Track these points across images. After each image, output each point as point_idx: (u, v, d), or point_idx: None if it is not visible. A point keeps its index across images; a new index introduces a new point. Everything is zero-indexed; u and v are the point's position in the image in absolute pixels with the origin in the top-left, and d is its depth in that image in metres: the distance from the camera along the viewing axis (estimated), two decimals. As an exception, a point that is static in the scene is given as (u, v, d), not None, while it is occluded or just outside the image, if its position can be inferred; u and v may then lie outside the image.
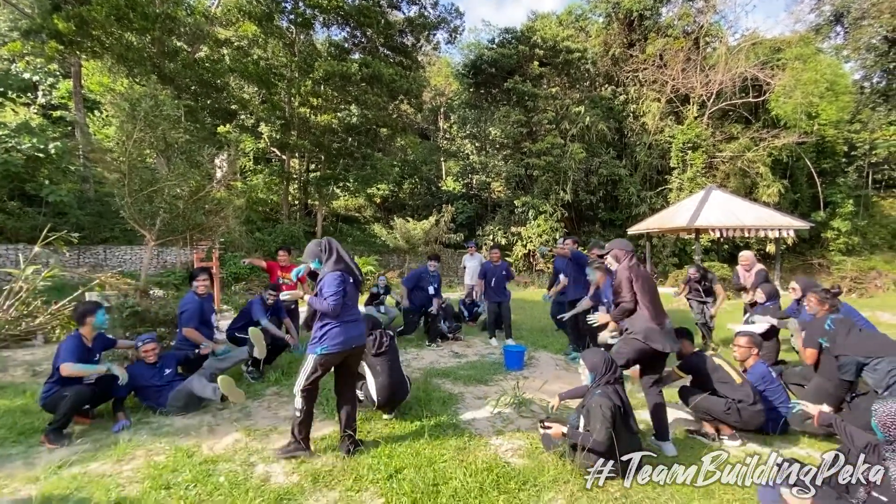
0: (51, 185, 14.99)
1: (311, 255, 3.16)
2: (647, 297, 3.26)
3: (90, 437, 3.27)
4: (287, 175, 21.93)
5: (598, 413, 2.73)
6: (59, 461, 2.86)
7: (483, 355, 5.89)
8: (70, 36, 15.15)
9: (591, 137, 21.26)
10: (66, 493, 2.53)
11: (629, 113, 22.22)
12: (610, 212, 22.17)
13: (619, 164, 21.36)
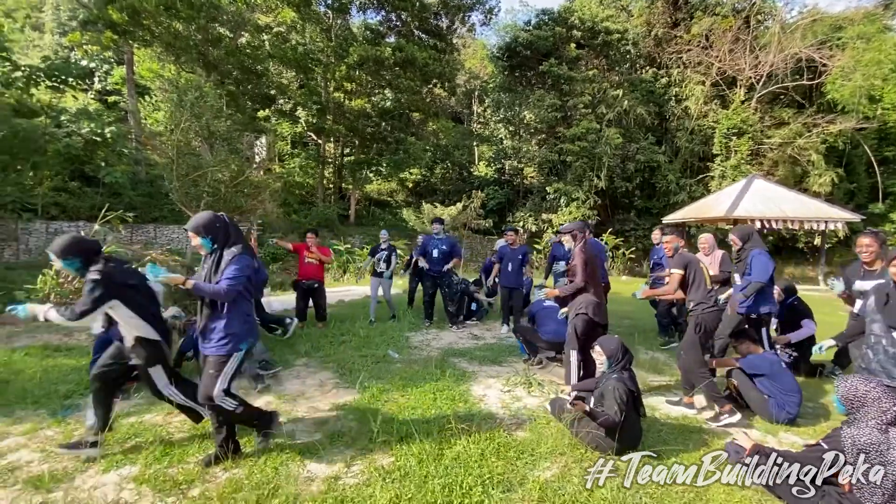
0: (107, 167, 16.14)
1: (203, 231, 2.62)
2: (594, 277, 3.93)
3: (147, 394, 3.74)
4: (322, 159, 22.54)
5: (614, 395, 2.88)
6: (118, 412, 3.31)
7: (500, 338, 6.10)
8: (123, 25, 16.06)
9: (628, 122, 20.64)
10: (126, 437, 2.96)
11: (671, 96, 21.36)
12: (646, 200, 21.56)
13: (659, 150, 20.66)
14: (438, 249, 6.53)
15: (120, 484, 2.44)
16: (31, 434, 3.00)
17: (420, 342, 5.79)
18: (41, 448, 2.83)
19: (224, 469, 2.61)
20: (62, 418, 3.22)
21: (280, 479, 2.50)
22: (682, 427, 3.39)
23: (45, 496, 2.30)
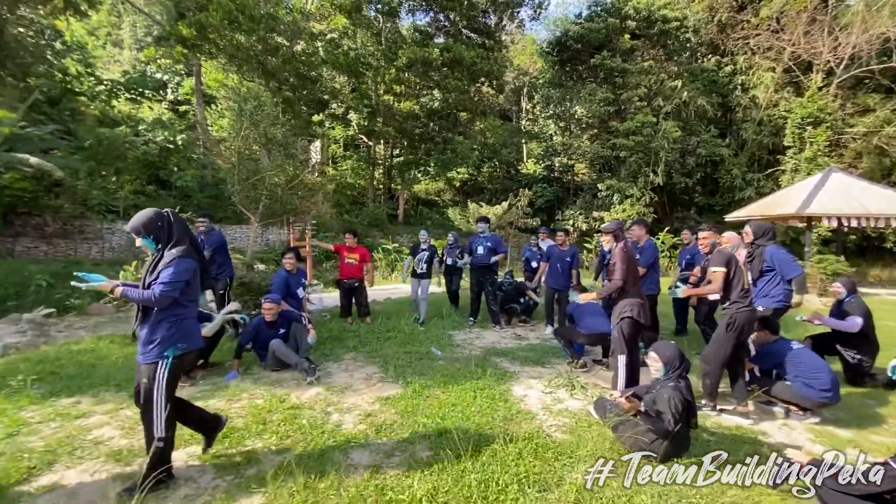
0: (178, 172, 17.54)
1: (142, 230, 2.45)
2: (634, 277, 3.91)
3: (210, 381, 4.09)
4: (373, 160, 23.18)
5: (669, 404, 2.79)
6: (188, 396, 3.64)
7: (544, 339, 6.03)
8: (192, 40, 17.36)
9: (688, 114, 19.53)
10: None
11: (736, 85, 19.95)
12: (708, 196, 20.31)
13: (722, 143, 19.39)
14: (483, 246, 6.58)
15: (186, 461, 2.70)
16: (113, 413, 3.38)
17: (463, 341, 5.86)
18: (121, 426, 3.17)
19: (276, 453, 2.80)
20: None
21: (326, 464, 2.66)
22: (733, 438, 3.22)
23: (123, 468, 2.59)
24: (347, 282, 6.41)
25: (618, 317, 3.92)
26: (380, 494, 2.37)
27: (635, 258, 4.29)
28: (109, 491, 2.33)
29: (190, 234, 2.59)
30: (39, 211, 14.97)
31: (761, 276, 4.20)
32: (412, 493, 2.35)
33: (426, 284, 6.65)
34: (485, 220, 6.82)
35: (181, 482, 2.47)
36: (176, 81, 25.64)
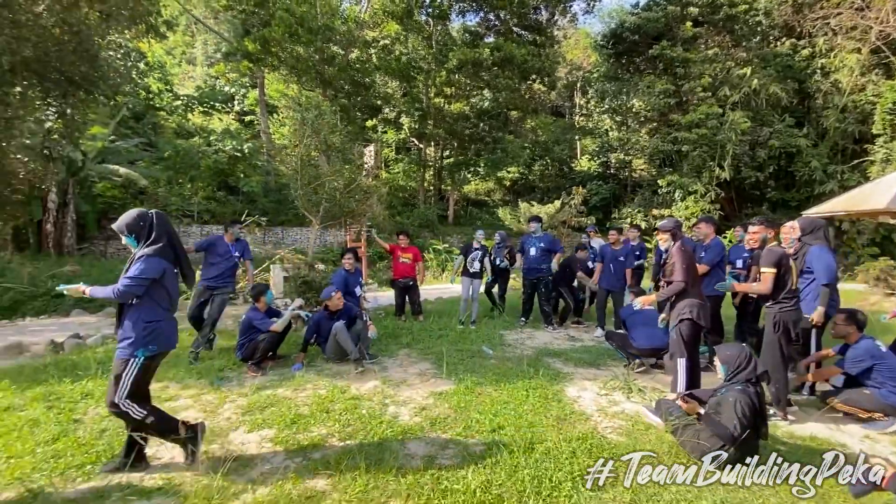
0: (245, 178, 18.80)
1: (125, 229, 2.57)
2: (695, 277, 3.68)
3: (277, 371, 4.41)
4: (423, 162, 23.57)
5: (735, 408, 2.69)
6: (258, 385, 3.98)
7: (600, 341, 5.89)
8: (257, 54, 18.54)
9: (758, 103, 18.14)
10: (264, 405, 3.53)
11: (815, 70, 18.25)
12: (783, 191, 18.75)
13: (799, 132, 17.82)
14: (536, 247, 6.47)
15: (260, 443, 2.95)
16: (196, 397, 3.74)
17: (514, 341, 5.86)
18: (204, 409, 3.51)
19: (339, 439, 2.99)
20: (218, 387, 3.94)
21: (385, 452, 2.80)
22: (807, 449, 3.01)
23: (207, 446, 2.87)
24: (402, 281, 6.62)
25: (676, 318, 3.78)
26: (436, 483, 2.47)
27: (694, 257, 4.10)
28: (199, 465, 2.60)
29: (170, 236, 2.63)
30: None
31: (800, 276, 3.95)
32: (467, 484, 2.43)
33: (478, 284, 6.69)
34: (537, 220, 6.71)
35: (257, 461, 2.71)
36: (241, 93, 27.52)
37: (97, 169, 14.42)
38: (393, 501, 2.34)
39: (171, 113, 22.11)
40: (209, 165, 18.03)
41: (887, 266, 10.21)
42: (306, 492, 2.39)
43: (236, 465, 2.62)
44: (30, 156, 9.20)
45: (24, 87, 6.93)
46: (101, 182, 15.42)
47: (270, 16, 17.99)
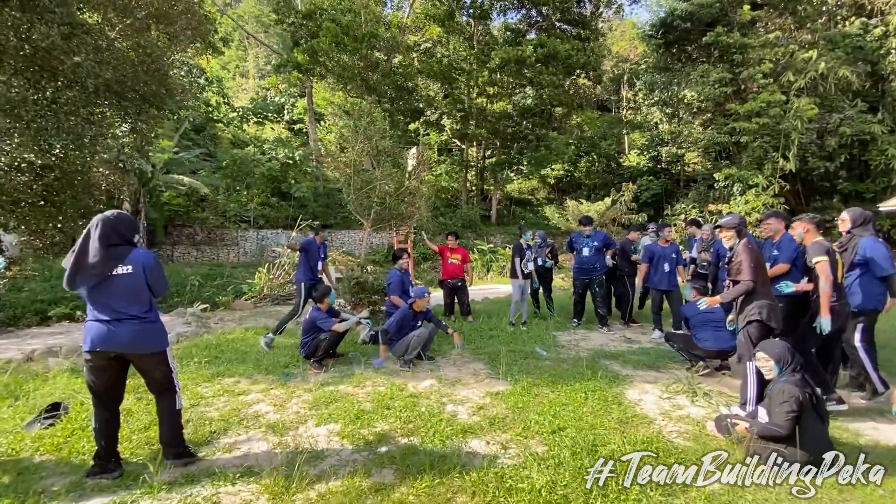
0: (296, 184, 19.61)
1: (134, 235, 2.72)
2: (764, 276, 3.53)
3: (337, 369, 4.59)
4: (465, 163, 23.61)
5: (780, 398, 2.68)
6: (321, 381, 4.16)
7: (658, 343, 5.69)
8: (305, 65, 19.30)
9: (826, 88, 16.80)
10: (328, 401, 3.70)
11: (889, 50, 16.67)
12: (856, 182, 17.28)
13: (873, 118, 16.34)
14: (589, 247, 6.32)
15: (328, 436, 3.09)
16: (266, 392, 3.96)
17: (568, 342, 5.77)
18: (273, 402, 3.72)
19: (402, 435, 3.08)
20: (284, 382, 4.16)
21: (447, 449, 2.86)
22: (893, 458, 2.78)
23: (280, 438, 3.05)
24: (451, 281, 6.70)
25: (745, 320, 3.59)
26: (500, 482, 2.49)
27: (762, 255, 3.87)
28: (275, 456, 2.77)
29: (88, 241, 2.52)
30: (191, 222, 17.82)
31: (851, 269, 3.90)
32: (531, 484, 2.44)
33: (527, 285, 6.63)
34: (588, 220, 6.56)
35: (327, 454, 2.85)
36: (291, 103, 28.79)
37: (164, 179, 15.55)
38: (459, 498, 2.38)
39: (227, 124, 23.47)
40: (263, 173, 18.97)
41: None
42: (375, 485, 2.48)
43: (308, 456, 2.76)
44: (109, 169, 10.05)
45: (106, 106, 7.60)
46: (168, 191, 16.60)
47: (318, 27, 18.69)
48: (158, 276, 2.67)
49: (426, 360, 4.80)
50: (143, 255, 2.63)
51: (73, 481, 2.55)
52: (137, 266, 2.58)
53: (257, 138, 23.87)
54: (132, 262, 2.58)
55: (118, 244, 2.58)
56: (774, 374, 2.89)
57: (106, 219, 2.58)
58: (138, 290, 2.60)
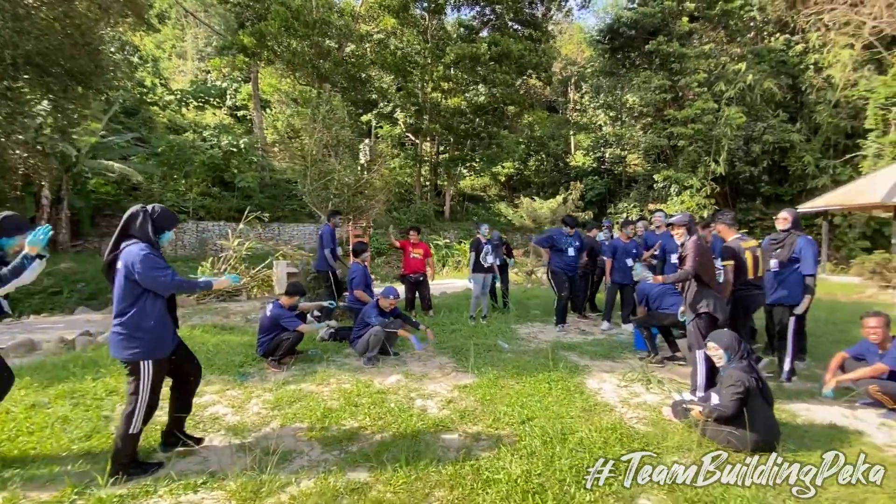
0: (240, 174, 18.60)
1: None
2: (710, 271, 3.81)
3: (298, 367, 4.41)
4: (419, 158, 23.48)
5: (728, 381, 2.91)
6: (282, 380, 3.97)
7: (611, 334, 5.97)
8: (252, 48, 18.31)
9: (753, 98, 18.36)
10: (291, 400, 3.54)
11: (808, 65, 18.51)
12: (776, 185, 19.05)
13: (792, 128, 18.08)
14: (573, 247, 6.32)
15: (295, 437, 2.96)
16: (221, 393, 3.73)
17: (527, 334, 5.92)
18: (231, 404, 3.51)
19: (373, 432, 3.02)
20: (241, 382, 3.94)
21: (420, 444, 2.83)
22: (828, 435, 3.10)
23: (244, 440, 2.88)
24: (413, 276, 6.65)
25: (694, 312, 3.85)
26: (477, 474, 2.51)
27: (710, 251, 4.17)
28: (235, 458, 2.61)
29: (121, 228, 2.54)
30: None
31: (789, 264, 4.26)
32: (508, 474, 2.47)
33: (490, 279, 6.70)
34: (573, 221, 6.54)
35: (295, 455, 2.73)
36: (234, 88, 27.18)
37: (90, 164, 14.19)
38: (437, 492, 2.37)
39: (163, 108, 21.77)
40: (203, 161, 17.81)
41: (882, 259, 10.44)
42: (350, 484, 2.41)
43: (276, 458, 2.63)
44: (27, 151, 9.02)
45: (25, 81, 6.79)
46: (95, 178, 15.18)
47: (266, 9, 17.77)
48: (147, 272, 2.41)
49: (392, 356, 4.74)
50: (131, 249, 2.45)
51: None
52: (122, 262, 2.45)
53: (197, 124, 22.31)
54: (122, 256, 2.45)
55: (131, 236, 2.51)
56: (724, 362, 3.12)
57: (133, 212, 2.55)
58: (123, 288, 2.45)
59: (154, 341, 2.48)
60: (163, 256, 2.56)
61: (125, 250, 2.46)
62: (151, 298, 2.49)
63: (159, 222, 2.59)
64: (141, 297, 2.46)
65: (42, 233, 2.49)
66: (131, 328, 2.44)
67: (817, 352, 4.95)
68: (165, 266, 2.49)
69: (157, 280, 2.44)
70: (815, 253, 4.27)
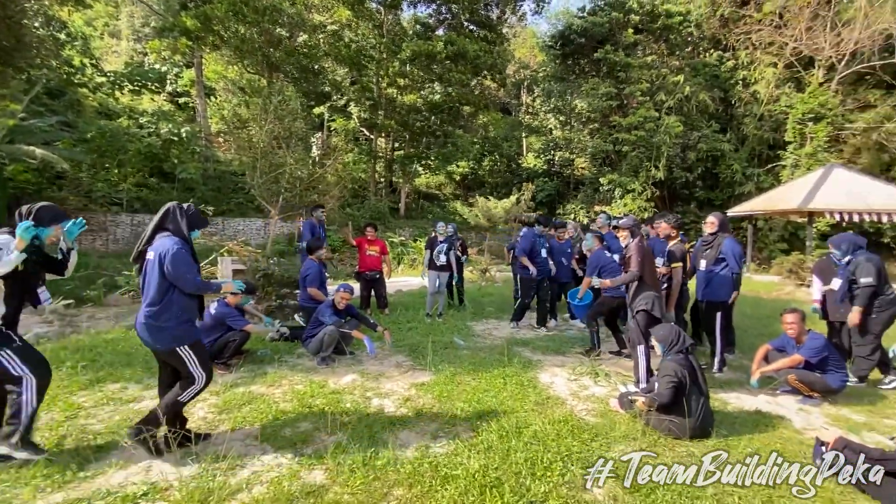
0: (181, 164, 17.48)
1: None
2: (651, 271, 4.04)
3: (246, 368, 4.22)
4: (374, 154, 23.16)
5: (664, 372, 3.11)
6: (230, 382, 3.79)
7: (562, 329, 6.19)
8: (196, 32, 17.25)
9: (689, 109, 19.70)
10: (241, 403, 3.39)
11: (738, 80, 20.11)
12: (708, 191, 20.54)
13: (723, 138, 19.59)
14: (546, 248, 6.30)
15: (245, 441, 2.84)
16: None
17: (482, 331, 6.01)
18: (173, 409, 3.30)
19: (328, 433, 2.95)
20: (184, 386, 3.71)
21: (377, 444, 2.80)
22: (755, 421, 3.40)
23: (189, 446, 2.72)
24: (369, 273, 6.54)
25: (635, 310, 4.08)
26: (435, 471, 2.52)
27: (651, 252, 4.43)
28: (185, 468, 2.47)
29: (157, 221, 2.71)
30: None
31: (716, 264, 4.58)
32: (466, 470, 2.50)
33: (444, 277, 6.72)
34: (547, 221, 6.59)
35: (248, 461, 2.61)
36: (175, 73, 25.47)
37: (8, 150, 12.77)
38: (396, 491, 2.36)
39: (94, 90, 20.02)
40: (140, 149, 16.58)
41: (798, 260, 11.54)
42: (305, 487, 2.35)
43: (225, 464, 2.51)
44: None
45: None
46: (13, 164, 13.70)
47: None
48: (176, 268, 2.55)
49: (348, 356, 4.65)
50: (165, 241, 2.59)
51: None
52: (154, 252, 2.59)
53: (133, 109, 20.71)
54: (155, 247, 2.60)
55: (165, 230, 2.66)
56: (661, 352, 3.34)
57: (168, 208, 2.70)
58: (154, 278, 2.58)
59: (185, 328, 2.66)
60: (194, 253, 2.73)
61: (159, 241, 2.62)
62: (180, 289, 2.64)
63: (192, 220, 2.75)
64: (172, 288, 2.60)
65: (77, 226, 2.68)
66: (163, 318, 2.59)
67: (744, 344, 5.40)
68: (193, 265, 2.65)
69: (184, 278, 2.58)
70: (740, 253, 4.64)
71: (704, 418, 3.08)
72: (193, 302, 2.73)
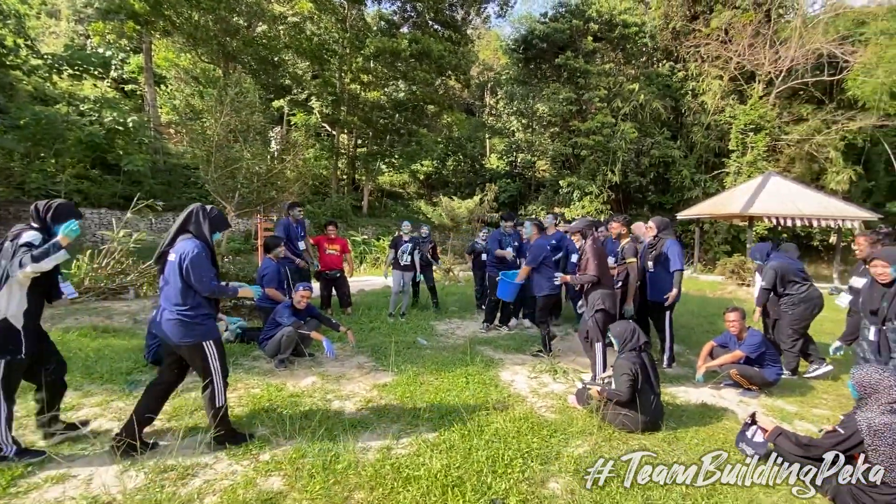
0: (128, 156, 16.44)
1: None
2: (605, 271, 4.24)
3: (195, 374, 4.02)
4: (336, 150, 22.72)
5: (619, 370, 3.24)
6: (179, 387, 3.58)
7: (524, 327, 6.32)
8: (145, 16, 16.28)
9: (644, 116, 20.58)
10: (192, 409, 3.23)
11: (687, 91, 21.22)
12: (660, 195, 21.55)
13: (674, 145, 20.60)
14: (512, 247, 6.32)
15: (196, 448, 2.71)
16: (104, 405, 3.29)
17: (445, 331, 6.04)
18: (116, 417, 3.11)
19: (286, 438, 2.87)
20: (130, 392, 3.50)
21: (339, 447, 2.75)
22: (701, 412, 3.61)
23: (135, 457, 2.57)
24: (329, 273, 6.41)
25: (592, 308, 4.23)
26: (397, 472, 2.51)
27: (605, 253, 4.60)
28: (131, 479, 2.32)
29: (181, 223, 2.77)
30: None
31: (661, 265, 4.78)
32: (428, 470, 2.51)
33: (409, 277, 6.68)
34: (511, 218, 6.55)
35: (199, 469, 2.50)
36: (121, 58, 23.90)
37: (-77, 135, 11.58)
38: (357, 495, 2.33)
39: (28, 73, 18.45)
40: (80, 138, 15.44)
41: (739, 261, 12.34)
42: (261, 495, 2.27)
43: (174, 474, 2.39)
44: None
45: None
46: (-70, 151, 12.44)
47: (163, -27, 15.88)
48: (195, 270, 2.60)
49: (307, 357, 4.54)
50: (186, 243, 2.64)
51: None
52: (176, 254, 2.64)
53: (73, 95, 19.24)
54: (176, 248, 2.65)
55: (188, 232, 2.72)
56: (616, 348, 3.48)
57: (191, 210, 2.75)
58: (178, 278, 2.63)
59: (211, 324, 2.75)
60: (214, 256, 2.79)
61: (181, 243, 2.67)
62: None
63: (214, 222, 2.80)
64: (189, 289, 2.66)
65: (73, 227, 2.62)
66: (192, 315, 2.65)
67: (690, 340, 5.72)
68: (211, 269, 2.70)
69: (201, 280, 2.62)
70: (681, 252, 4.84)
71: (655, 412, 3.24)
72: (212, 300, 2.83)
